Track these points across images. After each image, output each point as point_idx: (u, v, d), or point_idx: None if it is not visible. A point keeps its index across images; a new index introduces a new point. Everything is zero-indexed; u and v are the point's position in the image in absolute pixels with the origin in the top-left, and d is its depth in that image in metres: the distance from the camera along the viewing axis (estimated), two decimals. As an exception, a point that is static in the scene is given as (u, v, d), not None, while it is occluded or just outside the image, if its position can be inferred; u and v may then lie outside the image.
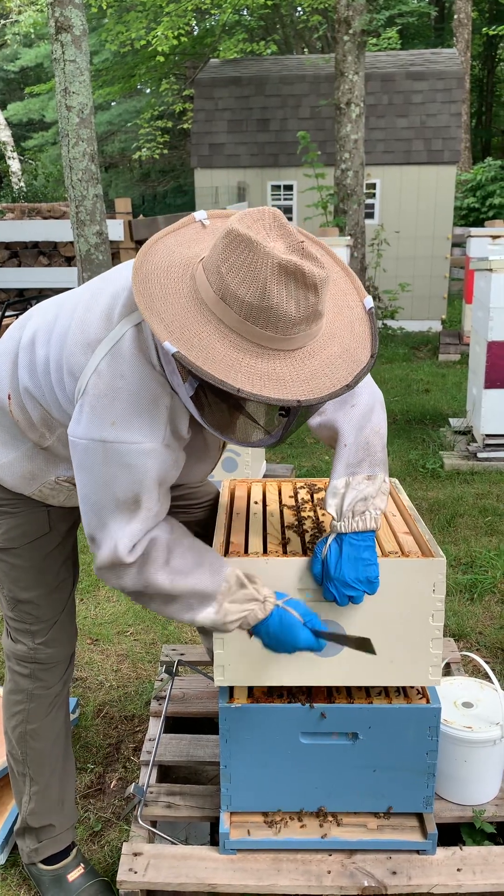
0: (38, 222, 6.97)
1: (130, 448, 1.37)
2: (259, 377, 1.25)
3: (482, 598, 3.25)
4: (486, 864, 1.75)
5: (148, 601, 1.52)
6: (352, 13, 8.07)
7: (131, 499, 1.41)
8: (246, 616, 1.51)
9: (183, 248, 1.38)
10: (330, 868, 1.73)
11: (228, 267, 1.24)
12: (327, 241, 7.51)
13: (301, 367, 1.29)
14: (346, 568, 1.51)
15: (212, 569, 1.50)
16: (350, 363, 1.33)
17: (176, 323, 1.27)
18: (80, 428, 1.40)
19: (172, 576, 1.47)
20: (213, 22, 15.18)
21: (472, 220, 12.75)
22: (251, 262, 1.23)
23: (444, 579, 1.61)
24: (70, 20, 4.97)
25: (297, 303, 1.24)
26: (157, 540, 1.47)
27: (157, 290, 1.30)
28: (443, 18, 20.47)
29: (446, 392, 6.55)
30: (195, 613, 1.50)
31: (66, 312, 1.52)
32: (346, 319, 1.39)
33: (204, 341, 1.25)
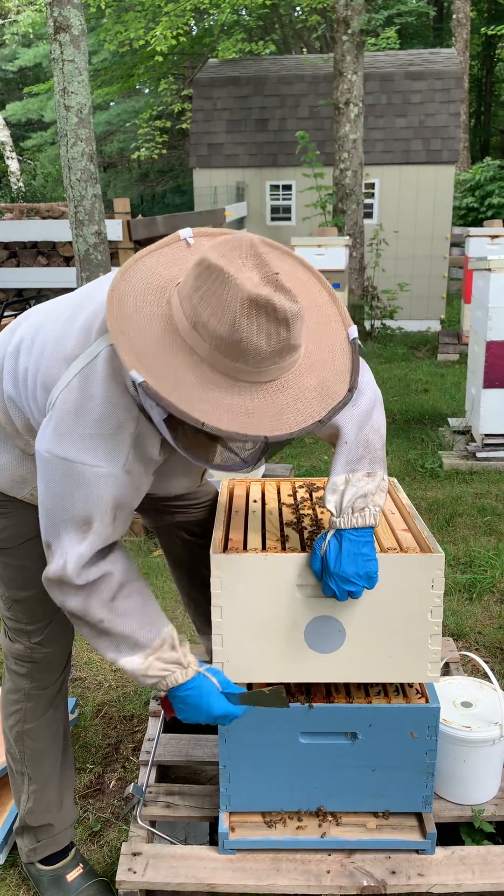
0: (37, 222, 6.96)
1: (88, 470, 1.37)
2: (227, 410, 1.24)
3: (481, 597, 3.25)
4: (485, 863, 1.75)
5: (81, 626, 1.53)
6: (350, 13, 8.07)
7: (83, 518, 1.40)
8: (165, 677, 1.53)
9: (164, 268, 1.36)
10: (329, 868, 1.73)
11: (200, 297, 1.23)
12: (326, 241, 7.44)
13: (272, 401, 1.27)
14: (346, 563, 1.51)
15: (151, 621, 1.52)
16: (325, 397, 1.30)
17: (145, 350, 1.25)
18: (45, 441, 1.40)
19: (112, 615, 1.48)
20: (211, 22, 15.18)
21: (471, 219, 12.74)
22: (221, 294, 1.21)
23: (442, 575, 1.61)
24: (68, 20, 4.97)
25: (267, 337, 1.22)
26: (110, 576, 1.47)
27: (132, 313, 1.29)
28: (441, 18, 20.48)
29: (445, 392, 6.55)
30: (119, 656, 1.52)
31: (50, 323, 1.51)
32: (327, 349, 1.36)
33: (173, 370, 1.24)
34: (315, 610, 1.63)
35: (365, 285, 8.97)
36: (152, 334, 1.27)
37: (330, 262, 6.94)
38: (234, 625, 1.64)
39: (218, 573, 1.61)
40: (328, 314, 1.40)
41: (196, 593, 2.15)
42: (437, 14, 20.70)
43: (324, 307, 1.41)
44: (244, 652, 1.65)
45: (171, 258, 1.38)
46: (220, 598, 1.62)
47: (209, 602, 1.66)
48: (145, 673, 1.52)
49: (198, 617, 2.21)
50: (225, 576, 1.61)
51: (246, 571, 1.61)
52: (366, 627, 1.64)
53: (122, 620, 1.49)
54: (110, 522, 1.43)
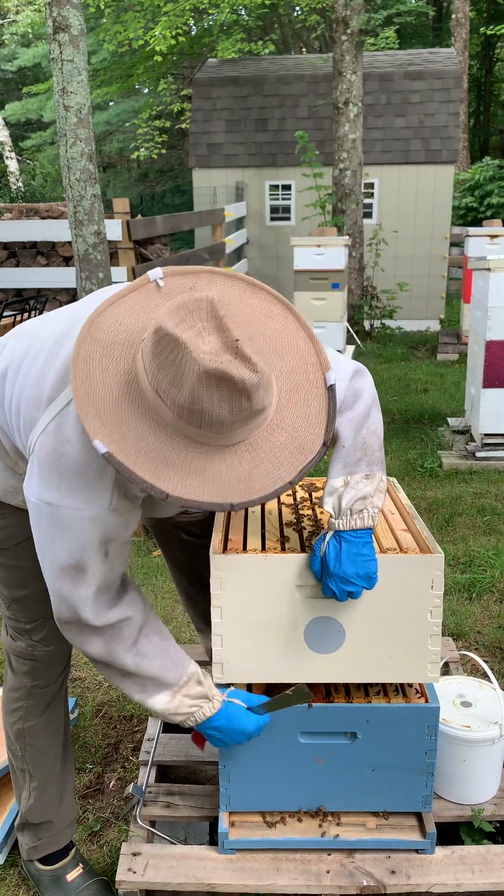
0: (36, 222, 6.96)
1: (72, 514, 1.37)
2: (194, 476, 1.23)
3: (481, 597, 3.25)
4: (485, 863, 1.75)
5: (104, 669, 1.56)
6: (350, 13, 8.07)
7: (73, 565, 1.41)
8: (194, 713, 1.57)
9: (133, 317, 1.33)
10: (329, 867, 1.73)
11: (158, 366, 1.21)
12: (325, 241, 7.43)
13: (239, 464, 1.26)
14: (346, 564, 1.52)
15: (174, 660, 1.56)
16: (296, 455, 1.29)
17: (110, 414, 1.24)
18: (31, 486, 1.41)
19: (138, 658, 1.52)
20: (210, 22, 15.18)
21: (471, 219, 12.74)
22: (179, 365, 1.18)
23: (442, 575, 1.61)
24: (68, 20, 4.96)
25: (230, 407, 1.20)
26: (130, 620, 1.50)
27: (97, 372, 1.27)
28: (441, 18, 20.48)
29: (445, 391, 6.56)
30: (147, 696, 1.56)
31: (33, 355, 1.48)
32: (301, 396, 1.33)
33: (137, 435, 1.24)
34: (315, 610, 1.63)
35: (364, 285, 8.97)
36: (117, 397, 1.26)
37: (329, 262, 6.94)
38: (233, 625, 1.64)
39: (217, 574, 1.61)
40: (306, 358, 1.35)
41: (195, 593, 2.15)
42: (436, 14, 20.70)
43: (301, 350, 1.36)
44: (244, 652, 1.65)
45: (139, 305, 1.34)
46: (220, 598, 1.62)
47: (208, 602, 1.66)
48: (175, 711, 1.57)
49: (197, 616, 2.21)
50: (224, 576, 1.61)
51: (245, 572, 1.61)
52: (365, 628, 1.64)
53: (147, 661, 1.53)
54: (103, 559, 1.43)
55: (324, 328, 7.10)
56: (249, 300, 1.36)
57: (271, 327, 1.35)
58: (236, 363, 1.18)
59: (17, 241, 7.06)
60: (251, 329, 1.24)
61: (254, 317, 1.34)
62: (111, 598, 1.49)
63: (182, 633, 3.00)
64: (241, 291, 1.36)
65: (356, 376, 1.57)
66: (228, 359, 1.18)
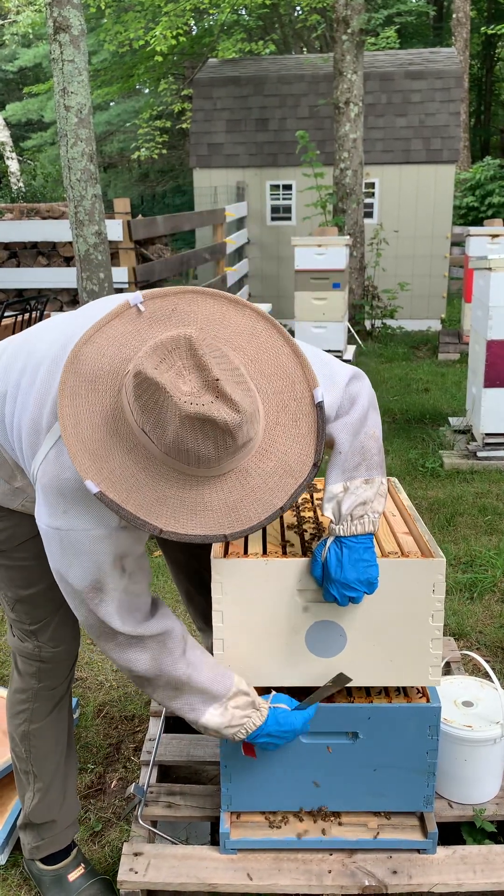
0: (37, 222, 6.97)
1: (82, 535, 1.37)
2: (185, 510, 1.24)
3: (482, 597, 3.25)
4: (486, 862, 1.75)
5: (152, 690, 1.55)
6: (350, 12, 8.06)
7: (91, 585, 1.41)
8: (245, 724, 1.58)
9: (114, 347, 1.31)
10: (331, 867, 1.73)
11: (140, 408, 1.21)
12: (326, 241, 7.44)
13: (230, 494, 1.26)
14: (347, 569, 1.51)
15: (221, 672, 1.57)
16: (287, 479, 1.28)
17: (99, 451, 1.25)
18: (40, 514, 1.41)
19: (190, 669, 1.52)
20: (211, 22, 15.18)
21: (471, 219, 12.74)
22: (160, 409, 1.18)
23: (443, 580, 1.61)
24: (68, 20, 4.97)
25: (215, 445, 1.20)
26: (172, 630, 1.51)
27: (84, 409, 1.27)
28: (441, 18, 20.46)
29: (446, 391, 6.55)
30: (199, 714, 1.56)
31: (30, 376, 1.47)
32: (290, 417, 1.32)
33: (128, 471, 1.24)
34: (316, 615, 1.63)
35: (365, 285, 8.97)
36: (104, 433, 1.26)
37: (330, 262, 6.94)
38: (235, 629, 1.64)
39: (219, 578, 1.61)
40: (292, 376, 1.33)
41: (195, 593, 2.16)
42: (436, 13, 20.69)
43: (287, 368, 1.34)
44: (245, 656, 1.66)
45: (121, 333, 1.32)
46: (222, 602, 1.62)
47: (208, 602, 1.66)
48: (229, 724, 1.57)
49: (197, 616, 2.21)
50: (226, 581, 1.61)
51: (247, 576, 1.61)
52: (367, 632, 1.64)
53: (198, 672, 1.54)
54: (121, 575, 1.43)
55: (325, 328, 7.10)
56: (233, 319, 1.34)
57: (256, 347, 1.34)
58: (217, 404, 1.17)
59: (17, 242, 7.07)
60: (231, 360, 1.23)
61: (238, 337, 1.33)
62: (143, 612, 1.49)
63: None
64: (224, 311, 1.34)
65: (352, 381, 1.56)
66: (209, 400, 1.17)
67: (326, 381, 1.51)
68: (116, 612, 1.44)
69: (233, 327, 1.34)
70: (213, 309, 1.35)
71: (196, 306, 1.34)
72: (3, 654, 2.87)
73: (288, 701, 1.65)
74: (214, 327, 1.32)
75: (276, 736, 1.60)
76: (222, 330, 1.33)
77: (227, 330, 1.33)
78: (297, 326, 7.16)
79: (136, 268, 6.42)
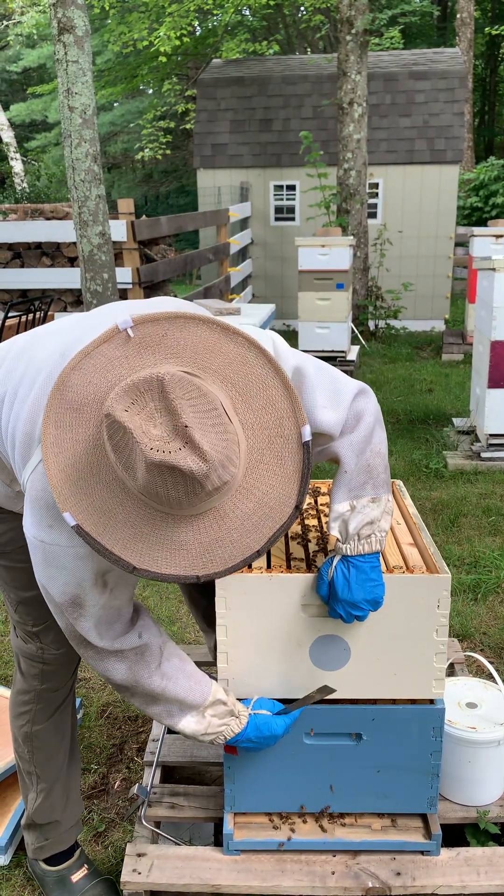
0: (41, 223, 6.97)
1: (65, 551, 1.37)
2: (161, 548, 1.23)
3: (486, 598, 3.24)
4: (490, 864, 1.74)
5: (130, 696, 1.57)
6: (354, 13, 8.06)
7: (70, 600, 1.42)
8: (223, 731, 1.59)
9: (101, 375, 1.28)
10: (334, 869, 1.73)
11: (113, 447, 1.20)
12: (330, 241, 7.43)
13: (205, 534, 1.24)
14: (356, 590, 1.51)
15: (198, 681, 1.58)
16: (266, 522, 1.25)
17: (80, 483, 1.25)
18: (26, 524, 1.42)
19: (164, 681, 1.54)
20: (215, 22, 15.18)
21: (476, 219, 12.74)
22: (129, 452, 1.17)
23: (448, 595, 1.61)
24: (72, 21, 4.97)
25: (185, 491, 1.18)
26: (149, 644, 1.52)
27: (67, 439, 1.26)
28: (445, 18, 20.45)
29: (450, 392, 6.55)
30: (176, 721, 1.58)
31: (27, 383, 1.46)
32: (274, 454, 1.28)
33: (105, 506, 1.24)
34: (320, 629, 1.64)
35: (369, 285, 8.97)
36: (86, 464, 1.25)
37: (334, 263, 6.93)
38: (239, 643, 1.64)
39: (223, 593, 1.61)
40: (280, 411, 1.29)
41: (198, 595, 2.15)
42: (440, 14, 20.66)
43: (276, 402, 1.29)
44: (249, 669, 1.66)
45: (108, 360, 1.29)
46: (226, 617, 1.62)
47: (211, 603, 1.66)
48: (205, 731, 1.59)
49: (200, 617, 2.21)
50: (230, 596, 1.61)
51: (251, 591, 1.61)
52: (371, 646, 1.65)
53: (173, 684, 1.55)
54: (101, 591, 1.43)
55: (328, 328, 7.10)
56: (224, 347, 1.30)
57: (245, 378, 1.30)
58: (184, 453, 1.14)
59: (21, 242, 7.08)
60: (211, 399, 1.19)
61: (228, 367, 1.29)
62: (122, 624, 1.49)
63: (187, 633, 3.00)
64: (216, 338, 1.30)
65: (358, 397, 1.53)
66: (176, 447, 1.14)
67: (332, 398, 1.48)
68: (94, 628, 1.45)
69: (223, 356, 1.30)
70: (205, 336, 1.31)
71: (187, 332, 1.31)
72: (8, 654, 2.88)
73: (271, 706, 1.65)
74: (204, 356, 1.29)
75: (255, 741, 1.62)
76: (213, 359, 1.29)
77: (218, 359, 1.29)
78: (300, 327, 7.16)
79: (139, 268, 6.42)
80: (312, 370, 1.50)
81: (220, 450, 1.18)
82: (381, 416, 1.58)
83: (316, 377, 1.49)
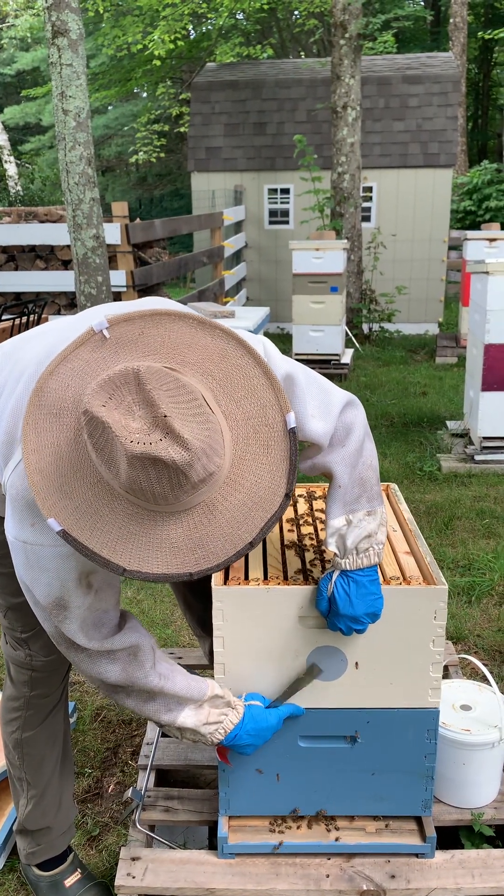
0: (35, 226, 6.97)
1: (47, 551, 1.36)
2: (150, 548, 1.21)
3: (480, 600, 3.25)
4: (485, 867, 1.75)
5: (125, 697, 1.55)
6: (348, 17, 8.08)
7: (55, 602, 1.40)
8: (222, 721, 1.59)
9: (78, 378, 1.26)
10: (329, 872, 1.73)
11: (93, 446, 1.18)
12: (324, 245, 7.44)
13: (195, 529, 1.21)
14: (357, 604, 1.52)
15: (194, 678, 1.59)
16: (257, 512, 1.23)
17: (64, 489, 1.22)
18: (8, 526, 1.40)
19: (163, 681, 1.53)
20: (209, 26, 15.21)
21: (469, 223, 12.77)
22: (110, 448, 1.15)
23: (445, 606, 1.61)
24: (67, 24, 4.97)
25: (169, 483, 1.16)
26: (140, 645, 1.51)
27: (48, 442, 1.24)
28: (438, 22, 20.51)
29: (443, 395, 6.56)
30: (175, 715, 1.57)
31: (13, 381, 1.45)
32: (261, 444, 1.26)
33: (91, 508, 1.21)
34: (317, 640, 1.64)
35: (363, 288, 8.98)
36: (68, 469, 1.23)
37: (328, 266, 6.94)
38: (236, 654, 1.65)
39: (220, 605, 1.61)
40: (263, 401, 1.27)
41: (192, 599, 2.15)
42: (434, 18, 20.70)
43: (258, 392, 1.28)
44: (246, 680, 1.66)
45: (84, 363, 1.27)
46: (223, 629, 1.62)
47: (206, 609, 1.66)
48: (206, 721, 1.58)
49: (194, 622, 2.20)
50: (227, 608, 1.61)
51: (248, 604, 1.61)
52: (368, 656, 1.65)
53: (171, 682, 1.54)
54: (86, 593, 1.41)
55: (322, 331, 7.10)
56: (202, 341, 1.30)
57: (225, 370, 1.29)
58: (165, 443, 1.13)
59: (15, 245, 7.07)
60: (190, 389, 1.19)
61: (207, 360, 1.29)
62: (109, 627, 1.48)
63: (181, 637, 3.00)
64: (193, 333, 1.30)
65: (347, 408, 1.52)
66: (157, 438, 1.13)
67: (321, 408, 1.48)
68: (80, 630, 1.43)
69: (202, 350, 1.29)
70: (182, 331, 1.30)
71: (164, 329, 1.30)
72: (1, 659, 2.87)
73: (262, 700, 1.66)
74: (182, 351, 1.28)
75: (253, 735, 1.60)
76: (191, 353, 1.28)
77: (196, 353, 1.28)
78: (294, 330, 7.17)
79: (133, 271, 6.42)
80: (303, 379, 1.49)
81: (202, 439, 1.16)
82: (369, 428, 1.57)
83: (306, 386, 1.49)
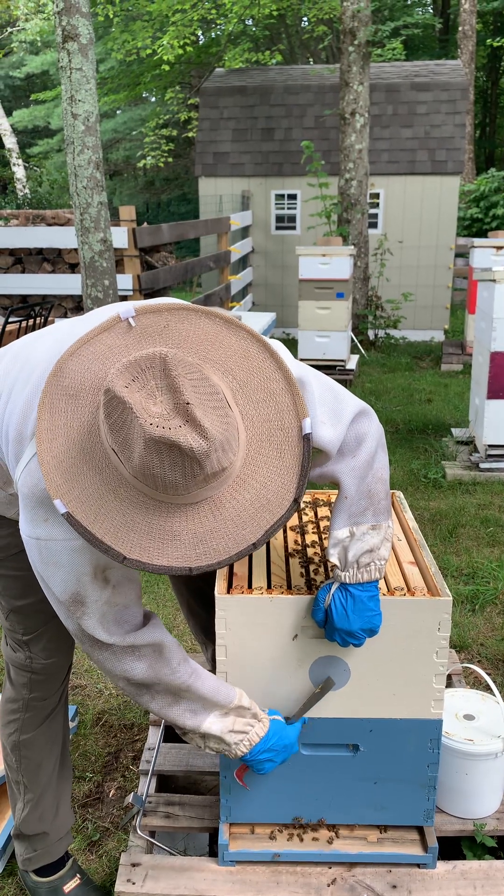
0: (43, 229, 6.99)
1: (61, 546, 1.35)
2: (153, 538, 1.20)
3: (484, 609, 3.23)
4: (486, 878, 1.73)
5: (149, 700, 1.51)
6: (357, 24, 8.10)
7: (70, 599, 1.39)
8: (248, 732, 1.55)
9: (99, 362, 1.26)
10: (329, 881, 1.72)
11: (110, 427, 1.17)
12: (330, 250, 7.46)
13: (199, 524, 1.20)
14: (353, 619, 1.50)
15: (220, 681, 1.55)
16: (263, 514, 1.22)
17: (72, 469, 1.21)
18: (22, 525, 1.40)
19: (191, 678, 1.49)
20: (218, 32, 15.25)
21: (476, 230, 12.78)
22: (128, 430, 1.14)
23: (449, 618, 1.60)
24: (77, 29, 4.99)
25: (182, 472, 1.14)
26: (166, 640, 1.47)
27: (61, 424, 1.23)
28: (447, 30, 20.55)
29: (449, 402, 6.55)
30: (200, 720, 1.52)
31: (23, 380, 1.46)
32: (274, 447, 1.25)
33: (97, 493, 1.20)
34: (320, 650, 1.63)
35: (369, 295, 8.98)
36: (79, 451, 1.22)
37: (334, 272, 6.95)
38: (239, 663, 1.64)
39: (223, 614, 1.60)
40: (280, 404, 1.27)
41: (196, 606, 2.14)
42: (442, 26, 20.76)
43: (276, 395, 1.28)
44: (249, 689, 1.65)
45: (107, 348, 1.28)
46: (225, 637, 1.62)
47: (210, 616, 1.65)
48: (232, 728, 1.54)
49: (197, 630, 2.19)
50: (230, 617, 1.60)
51: (251, 613, 1.60)
52: (371, 667, 1.64)
53: (200, 681, 1.50)
54: (103, 587, 1.40)
55: (328, 337, 7.11)
56: (226, 339, 1.30)
57: (246, 370, 1.29)
58: (185, 430, 1.12)
59: (23, 248, 7.09)
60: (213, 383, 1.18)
61: (229, 359, 1.28)
62: (132, 624, 1.45)
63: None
64: (218, 330, 1.30)
65: (359, 418, 1.49)
66: (177, 424, 1.12)
67: (332, 415, 1.46)
68: (100, 624, 1.41)
69: (225, 348, 1.29)
70: (207, 328, 1.30)
71: (189, 324, 1.30)
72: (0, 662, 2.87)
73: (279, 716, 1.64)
74: (206, 347, 1.28)
75: (276, 751, 1.59)
76: (214, 351, 1.28)
77: (219, 351, 1.28)
78: (300, 336, 7.17)
79: (140, 275, 6.44)
80: (315, 384, 1.47)
81: (221, 431, 1.16)
82: (383, 439, 1.54)
83: (318, 392, 1.46)
